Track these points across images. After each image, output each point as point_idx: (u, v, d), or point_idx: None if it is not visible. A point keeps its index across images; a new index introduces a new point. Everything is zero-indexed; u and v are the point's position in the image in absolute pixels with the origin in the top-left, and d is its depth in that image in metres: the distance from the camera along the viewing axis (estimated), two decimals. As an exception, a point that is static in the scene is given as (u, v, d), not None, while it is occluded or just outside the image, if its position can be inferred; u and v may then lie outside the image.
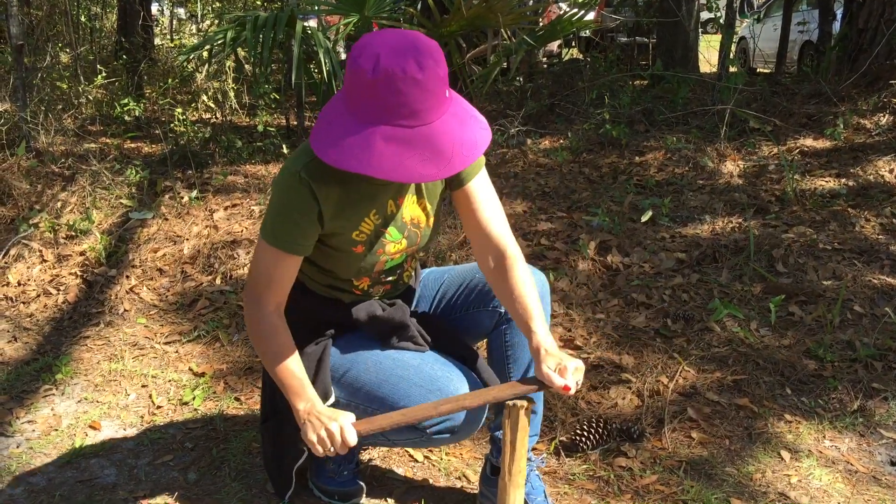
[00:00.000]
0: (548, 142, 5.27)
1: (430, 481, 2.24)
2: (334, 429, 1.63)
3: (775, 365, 2.75)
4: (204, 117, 6.25)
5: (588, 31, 6.75)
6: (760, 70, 10.16)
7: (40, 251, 3.77)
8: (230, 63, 6.27)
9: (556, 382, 1.61)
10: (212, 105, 6.21)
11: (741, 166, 4.58)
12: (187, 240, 3.86)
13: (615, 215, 3.84)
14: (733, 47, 6.37)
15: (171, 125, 5.70)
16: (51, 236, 3.86)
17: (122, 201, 4.25)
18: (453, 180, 1.83)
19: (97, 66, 7.07)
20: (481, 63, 5.79)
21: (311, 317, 1.89)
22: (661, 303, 3.15)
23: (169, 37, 9.82)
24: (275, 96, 6.05)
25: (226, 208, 4.18)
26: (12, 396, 2.75)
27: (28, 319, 3.35)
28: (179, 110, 5.72)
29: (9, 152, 4.57)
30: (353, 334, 1.92)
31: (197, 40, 7.60)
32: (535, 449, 2.28)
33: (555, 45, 9.44)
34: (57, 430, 2.53)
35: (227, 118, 6.22)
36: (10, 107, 5.02)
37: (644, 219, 3.78)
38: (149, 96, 7.07)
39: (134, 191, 4.40)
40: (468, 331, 2.01)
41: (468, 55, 5.20)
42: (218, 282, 3.52)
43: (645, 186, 4.37)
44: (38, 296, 3.50)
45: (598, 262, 3.48)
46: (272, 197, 1.71)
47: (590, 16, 8.49)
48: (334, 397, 1.88)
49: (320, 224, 1.71)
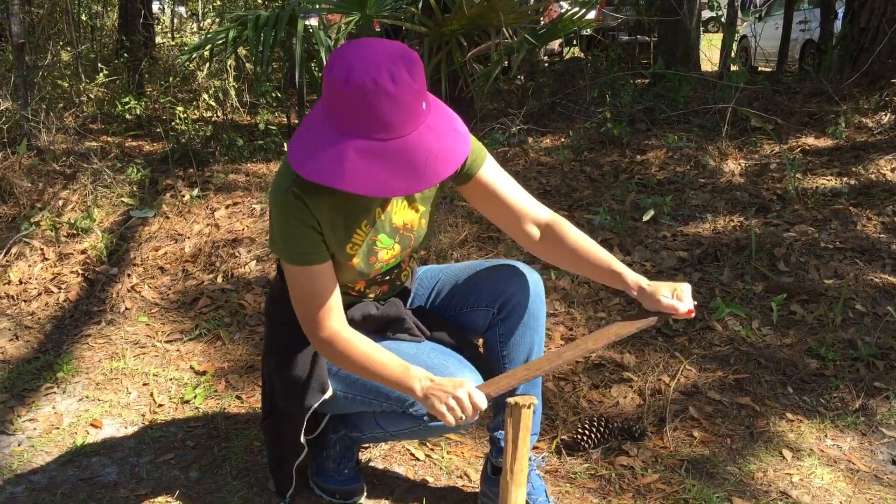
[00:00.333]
0: (549, 140, 5.27)
1: (431, 480, 2.24)
2: (462, 395, 1.55)
3: (777, 364, 2.75)
4: (205, 116, 6.25)
5: (589, 29, 6.74)
6: (762, 69, 10.15)
7: (42, 249, 3.77)
8: (231, 61, 6.27)
9: (681, 309, 1.64)
10: (213, 103, 6.21)
11: (743, 165, 4.58)
12: (188, 238, 3.86)
13: (616, 214, 3.84)
14: (735, 46, 6.37)
15: (173, 123, 5.70)
16: (52, 234, 3.86)
17: (124, 199, 4.25)
18: (460, 178, 1.81)
19: (98, 64, 7.07)
20: (483, 62, 5.78)
21: None
22: (662, 301, 3.14)
23: (170, 35, 9.81)
24: (276, 95, 6.05)
25: (227, 207, 4.18)
26: (14, 395, 2.75)
27: (29, 318, 3.35)
28: (181, 108, 5.72)
29: (10, 150, 4.57)
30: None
31: (198, 39, 7.61)
32: (535, 448, 2.28)
33: (556, 44, 9.44)
34: (58, 428, 2.53)
35: (229, 116, 6.21)
36: (12, 105, 5.02)
37: (645, 217, 3.78)
38: (150, 94, 7.07)
39: (135, 189, 4.40)
40: (462, 329, 2.00)
41: (469, 54, 5.19)
42: (219, 280, 3.52)
43: (646, 185, 4.37)
44: (40, 294, 3.50)
45: (599, 260, 3.47)
46: (273, 217, 1.67)
47: (591, 14, 8.50)
48: (332, 390, 1.88)
49: (321, 233, 1.70)
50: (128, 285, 3.53)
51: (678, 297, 1.65)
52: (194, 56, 5.29)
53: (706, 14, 8.53)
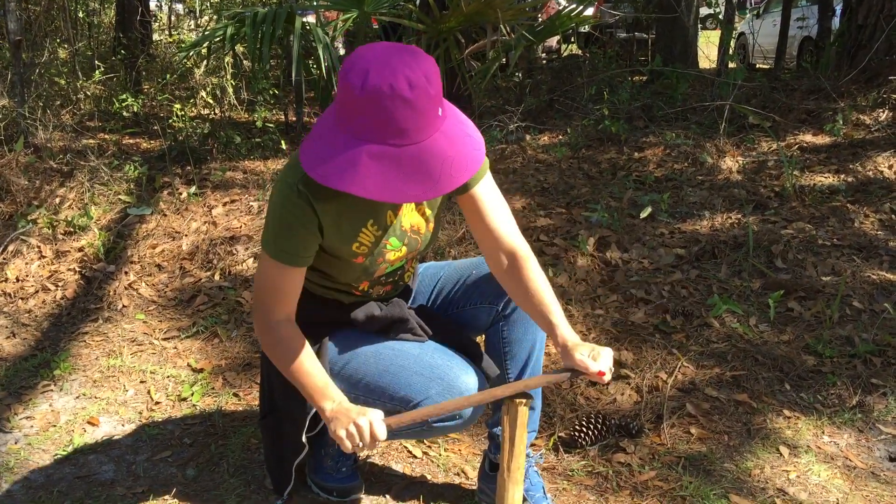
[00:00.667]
0: (547, 138, 5.27)
1: (429, 477, 2.24)
2: (363, 423, 1.58)
3: (774, 361, 2.75)
4: (202, 113, 6.24)
5: (587, 26, 6.74)
6: (760, 66, 10.16)
7: (38, 247, 3.76)
8: (229, 59, 6.26)
9: (592, 368, 1.62)
10: (210, 101, 6.19)
11: (740, 162, 4.58)
12: (186, 236, 3.85)
13: (614, 211, 3.84)
14: (732, 43, 6.36)
15: (170, 121, 5.69)
16: (49, 232, 3.86)
17: (121, 197, 4.25)
18: (458, 187, 1.81)
19: (95, 61, 7.06)
20: (480, 59, 5.77)
21: (310, 317, 1.88)
22: (659, 298, 3.15)
23: (167, 32, 9.79)
24: (273, 92, 6.04)
25: (224, 204, 4.17)
26: (10, 392, 2.74)
27: (26, 315, 3.34)
28: (178, 106, 5.70)
29: (7, 148, 4.56)
30: (352, 330, 1.91)
31: (195, 36, 7.59)
32: (533, 445, 2.28)
33: (554, 41, 9.44)
34: (55, 426, 2.53)
35: (226, 114, 6.20)
36: (9, 102, 5.01)
37: (643, 215, 3.78)
38: (147, 92, 7.06)
39: (132, 187, 4.39)
40: (465, 326, 2.00)
41: (467, 51, 5.18)
42: (216, 278, 3.52)
43: (644, 182, 4.37)
44: (37, 292, 3.50)
45: (597, 257, 3.47)
46: (271, 210, 1.67)
47: (589, 11, 8.49)
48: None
49: (321, 235, 1.70)
50: (125, 283, 3.52)
51: (594, 357, 1.64)
52: (191, 53, 5.29)
53: (704, 11, 8.53)
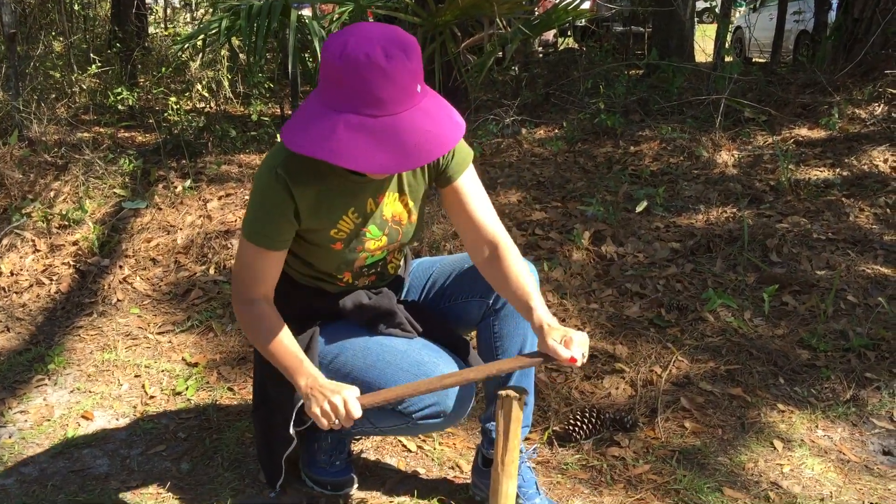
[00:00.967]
0: (543, 131, 5.26)
1: (423, 471, 2.24)
2: (337, 401, 1.59)
3: (768, 355, 2.75)
4: (198, 106, 6.22)
5: (584, 20, 6.72)
6: (756, 60, 10.15)
7: (33, 241, 3.75)
8: (224, 52, 6.24)
9: (561, 354, 1.62)
10: (206, 94, 6.17)
11: (736, 156, 4.58)
12: (181, 229, 3.84)
13: (610, 205, 3.84)
14: (729, 37, 6.35)
15: (165, 114, 5.67)
16: (43, 226, 3.85)
17: (116, 191, 4.23)
18: (441, 178, 1.82)
19: (90, 54, 7.03)
20: (476, 52, 5.76)
21: (298, 307, 1.88)
22: (654, 293, 3.15)
23: (163, 25, 9.77)
24: (269, 85, 6.03)
25: (219, 198, 4.17)
26: (5, 386, 2.74)
27: (21, 309, 3.34)
28: (173, 99, 5.68)
29: (1, 141, 4.55)
30: (341, 323, 1.91)
31: (191, 29, 7.57)
32: (527, 439, 2.28)
33: (550, 35, 9.42)
34: (49, 420, 2.53)
35: (222, 107, 6.18)
36: (3, 96, 4.99)
37: (639, 209, 3.78)
38: (142, 85, 7.04)
39: (127, 180, 4.38)
40: (456, 320, 2.01)
41: (463, 45, 5.17)
42: (211, 272, 3.51)
43: (640, 176, 4.37)
44: (31, 286, 3.49)
45: (592, 251, 3.47)
46: (252, 192, 1.71)
47: (585, 5, 8.46)
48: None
49: (297, 221, 1.71)
50: (119, 277, 3.52)
51: (566, 342, 1.63)
52: (187, 46, 5.27)
53: (701, 5, 8.52)
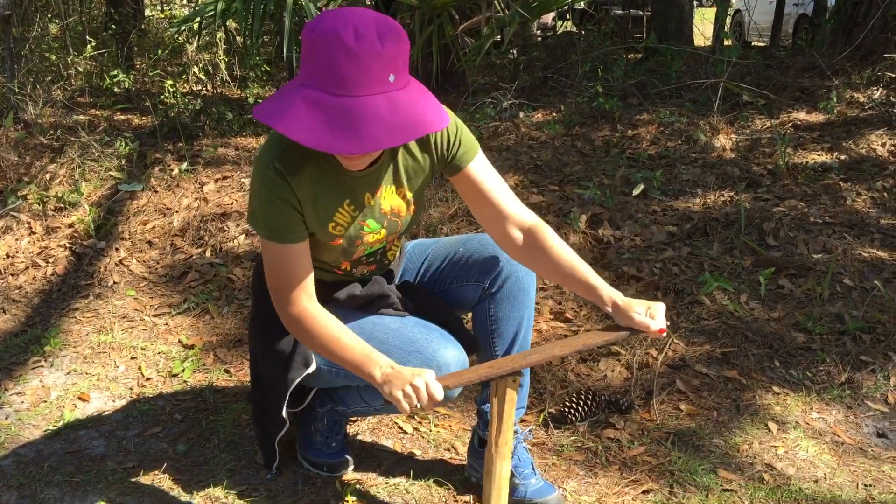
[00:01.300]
0: (540, 115, 5.24)
1: (419, 453, 2.25)
2: (419, 384, 1.53)
3: (764, 338, 2.76)
4: (194, 89, 6.20)
5: (582, 3, 6.69)
6: (755, 43, 10.12)
7: (29, 223, 3.74)
8: (221, 35, 6.20)
9: (653, 327, 1.64)
10: (202, 77, 6.15)
11: (734, 140, 4.57)
12: (177, 212, 3.84)
13: (607, 188, 3.83)
14: (728, 20, 6.32)
15: (162, 97, 5.65)
16: (39, 208, 3.84)
17: (112, 173, 4.22)
18: (448, 167, 1.79)
19: (86, 36, 6.99)
20: (474, 35, 5.73)
21: None
22: (651, 276, 3.15)
23: (159, 7, 9.71)
24: (266, 68, 6.00)
25: (216, 181, 4.15)
26: (1, 369, 2.74)
27: (17, 291, 3.34)
28: (170, 82, 5.66)
29: (-4, 124, 4.53)
30: (335, 307, 1.91)
31: (187, 11, 7.52)
32: (522, 421, 2.29)
33: (549, 18, 9.38)
34: (46, 401, 2.53)
35: (218, 90, 6.16)
36: (-2, 78, 4.97)
37: (636, 192, 3.77)
38: (139, 68, 7.00)
39: (123, 163, 4.37)
40: (452, 304, 2.00)
41: (461, 27, 5.14)
42: (208, 254, 3.51)
43: (637, 160, 4.36)
44: (27, 268, 3.48)
45: (589, 235, 3.47)
46: (252, 192, 1.66)
47: (584, -12, 8.43)
48: (315, 364, 1.88)
49: (300, 212, 1.68)
50: (116, 259, 3.51)
51: (651, 314, 1.64)
52: (183, 29, 5.23)
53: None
